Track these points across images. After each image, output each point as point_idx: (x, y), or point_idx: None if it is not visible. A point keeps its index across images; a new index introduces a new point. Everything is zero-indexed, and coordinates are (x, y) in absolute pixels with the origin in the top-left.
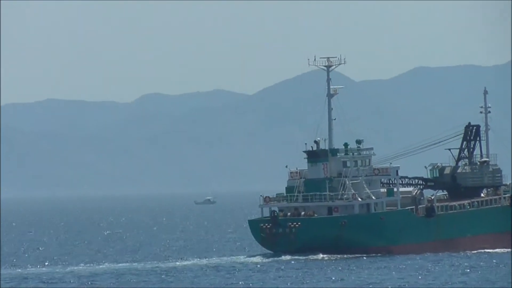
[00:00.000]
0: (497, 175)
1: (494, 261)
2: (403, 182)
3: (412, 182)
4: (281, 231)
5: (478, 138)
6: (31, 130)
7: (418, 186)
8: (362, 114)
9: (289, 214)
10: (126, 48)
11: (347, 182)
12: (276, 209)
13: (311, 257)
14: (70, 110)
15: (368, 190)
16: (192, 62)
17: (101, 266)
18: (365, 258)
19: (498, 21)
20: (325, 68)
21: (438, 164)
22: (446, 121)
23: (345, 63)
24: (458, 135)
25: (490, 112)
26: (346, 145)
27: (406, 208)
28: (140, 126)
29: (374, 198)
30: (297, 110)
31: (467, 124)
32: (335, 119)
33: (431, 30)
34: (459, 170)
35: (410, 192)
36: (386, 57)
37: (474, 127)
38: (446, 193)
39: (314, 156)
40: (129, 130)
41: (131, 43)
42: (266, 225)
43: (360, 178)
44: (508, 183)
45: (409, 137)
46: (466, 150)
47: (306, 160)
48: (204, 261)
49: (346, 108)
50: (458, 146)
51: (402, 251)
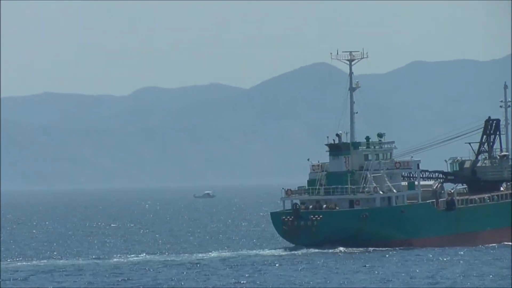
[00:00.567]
0: None
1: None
2: (424, 176)
3: (432, 175)
4: (303, 224)
5: (498, 132)
6: (29, 124)
7: (439, 180)
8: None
9: (310, 207)
10: (123, 41)
11: (369, 175)
12: (297, 202)
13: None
14: (67, 103)
15: (389, 184)
16: (188, 56)
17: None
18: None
19: (495, 15)
20: (347, 62)
21: (458, 158)
22: (443, 116)
23: (367, 57)
24: (478, 129)
25: (510, 106)
26: (367, 138)
27: (427, 201)
28: (137, 120)
29: (395, 191)
30: (294, 104)
31: (487, 118)
32: (357, 113)
33: (428, 25)
34: (479, 164)
35: (430, 185)
36: (382, 51)
37: (494, 121)
38: (466, 186)
39: (336, 149)
40: (126, 123)
41: (128, 37)
42: (288, 217)
43: (381, 171)
44: None
45: (405, 132)
46: (486, 144)
47: (328, 153)
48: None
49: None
50: (478, 140)
51: (423, 244)
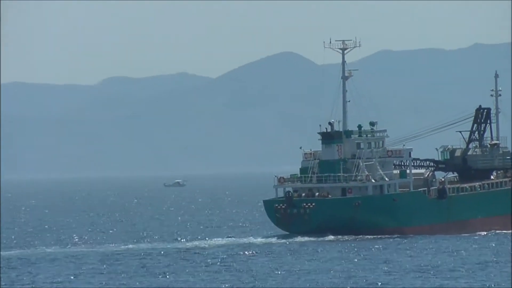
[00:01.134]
0: (507, 158)
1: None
2: (415, 164)
3: (423, 164)
4: (295, 212)
5: (488, 121)
6: None
7: (430, 168)
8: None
9: (303, 195)
10: (90, 30)
11: (361, 164)
12: (290, 189)
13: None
14: (34, 93)
15: (381, 172)
16: (155, 46)
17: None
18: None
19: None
20: (340, 50)
21: (449, 146)
22: (411, 104)
23: (360, 46)
24: (468, 118)
25: (500, 95)
26: (360, 126)
27: (419, 189)
28: (104, 109)
29: (387, 179)
30: (262, 92)
31: (478, 107)
32: (349, 101)
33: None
34: (470, 153)
35: (422, 174)
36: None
37: (485, 110)
38: (457, 175)
39: (328, 137)
40: (94, 113)
41: (95, 26)
42: (281, 205)
43: (373, 159)
44: None
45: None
46: (476, 132)
47: (320, 141)
48: (229, 240)
49: (314, 90)
50: (469, 129)
51: (414, 232)
